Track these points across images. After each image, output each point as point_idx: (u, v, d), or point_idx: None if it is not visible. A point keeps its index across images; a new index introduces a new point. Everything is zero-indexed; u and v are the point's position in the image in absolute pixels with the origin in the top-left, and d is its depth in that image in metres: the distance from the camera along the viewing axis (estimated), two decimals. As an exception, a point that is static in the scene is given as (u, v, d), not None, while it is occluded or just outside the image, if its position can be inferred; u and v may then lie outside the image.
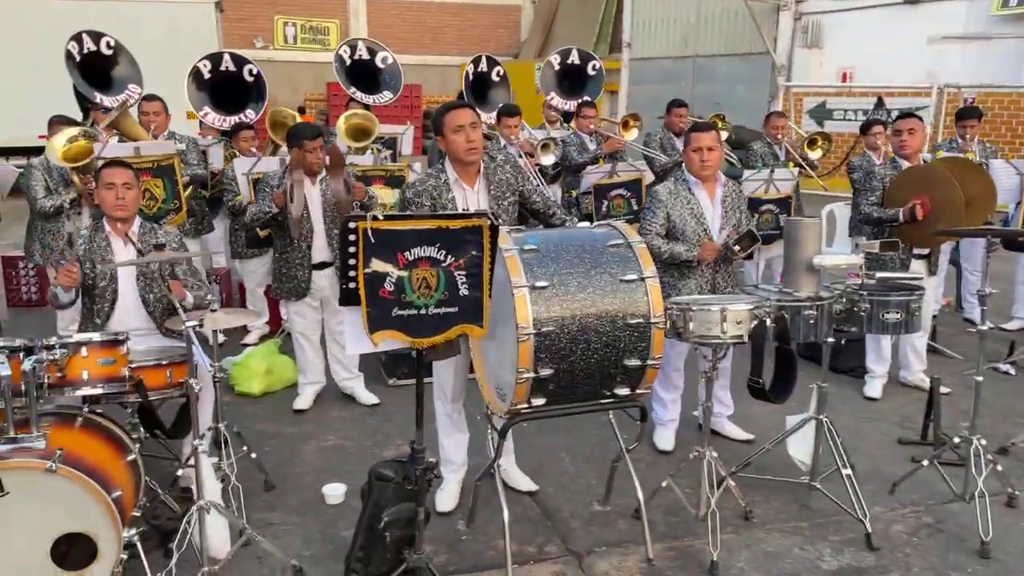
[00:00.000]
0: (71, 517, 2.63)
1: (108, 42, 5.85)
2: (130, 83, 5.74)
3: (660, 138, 6.46)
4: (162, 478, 3.48)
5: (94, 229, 3.68)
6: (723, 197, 3.93)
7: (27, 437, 2.68)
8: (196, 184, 5.45)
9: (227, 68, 6.33)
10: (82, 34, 5.82)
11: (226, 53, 6.48)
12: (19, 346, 2.80)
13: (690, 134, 3.92)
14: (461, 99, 6.71)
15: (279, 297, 4.59)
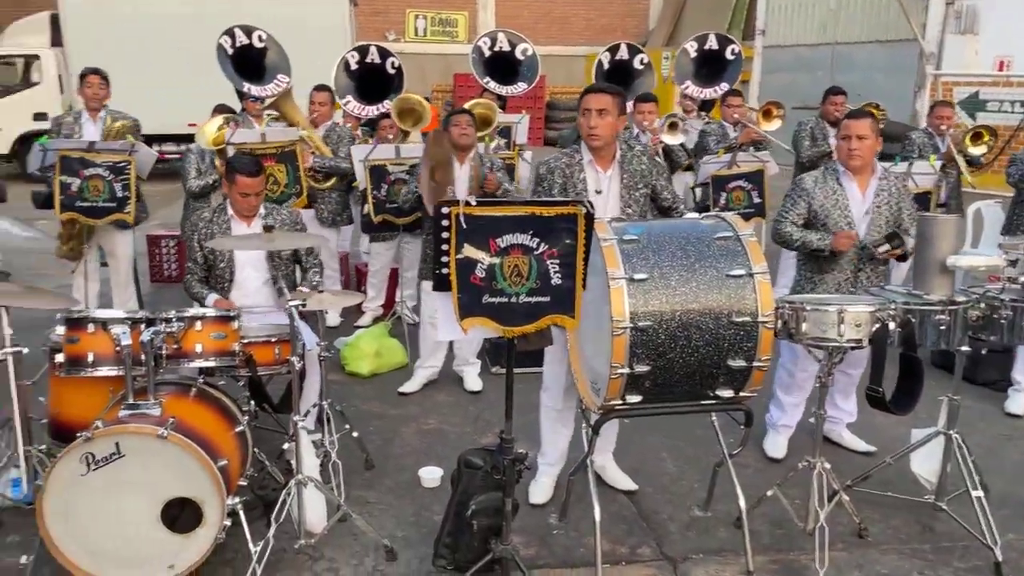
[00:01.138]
0: (180, 482, 2.77)
1: (260, 35, 6.16)
2: (279, 73, 6.02)
3: (812, 127, 6.09)
4: (270, 450, 3.62)
5: (216, 212, 3.86)
6: (878, 190, 3.65)
7: (144, 404, 2.85)
8: (337, 176, 5.63)
9: (372, 60, 6.57)
10: (234, 29, 6.15)
11: (373, 45, 6.71)
12: (140, 318, 2.98)
13: (842, 121, 3.70)
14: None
15: (424, 278, 4.68)
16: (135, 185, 4.78)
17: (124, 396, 2.92)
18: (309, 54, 7.18)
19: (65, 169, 4.53)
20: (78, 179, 4.57)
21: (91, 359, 2.93)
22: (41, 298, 3.26)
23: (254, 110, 5.76)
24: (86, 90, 5.22)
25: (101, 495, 2.72)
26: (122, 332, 2.85)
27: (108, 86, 5.27)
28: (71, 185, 4.56)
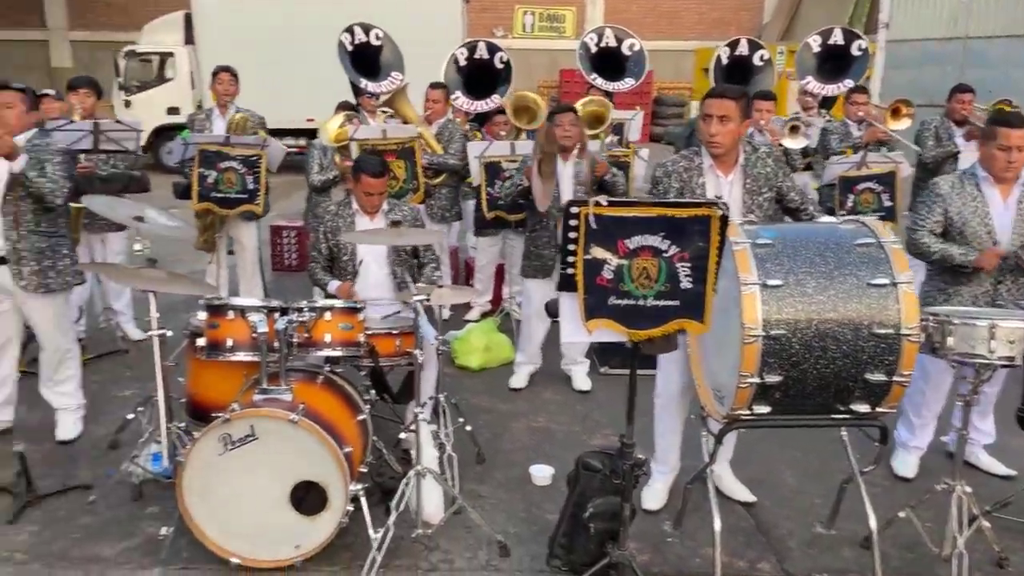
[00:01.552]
0: (308, 466, 2.88)
1: (377, 33, 6.33)
2: (393, 71, 6.17)
3: (936, 127, 5.73)
4: (386, 439, 3.72)
5: (342, 205, 3.99)
6: (1020, 199, 3.39)
7: (276, 389, 2.98)
8: (447, 172, 5.72)
9: (481, 56, 6.64)
10: (354, 27, 6.34)
11: (482, 41, 6.78)
12: (276, 307, 3.12)
13: (998, 128, 3.35)
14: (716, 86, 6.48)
15: (526, 275, 4.71)
16: (264, 178, 5.00)
17: (258, 380, 3.06)
18: (423, 51, 7.30)
19: (204, 162, 4.79)
20: (215, 171, 4.82)
21: (229, 344, 3.08)
22: (182, 284, 3.45)
23: (369, 106, 5.90)
24: (217, 87, 5.50)
25: (236, 474, 2.86)
26: (259, 320, 2.99)
27: (237, 83, 5.54)
28: (208, 177, 4.81)
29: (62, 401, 3.95)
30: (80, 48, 21.10)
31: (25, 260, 3.58)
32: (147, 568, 2.95)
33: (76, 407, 4.01)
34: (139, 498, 3.40)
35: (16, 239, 3.55)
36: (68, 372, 3.95)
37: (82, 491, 3.45)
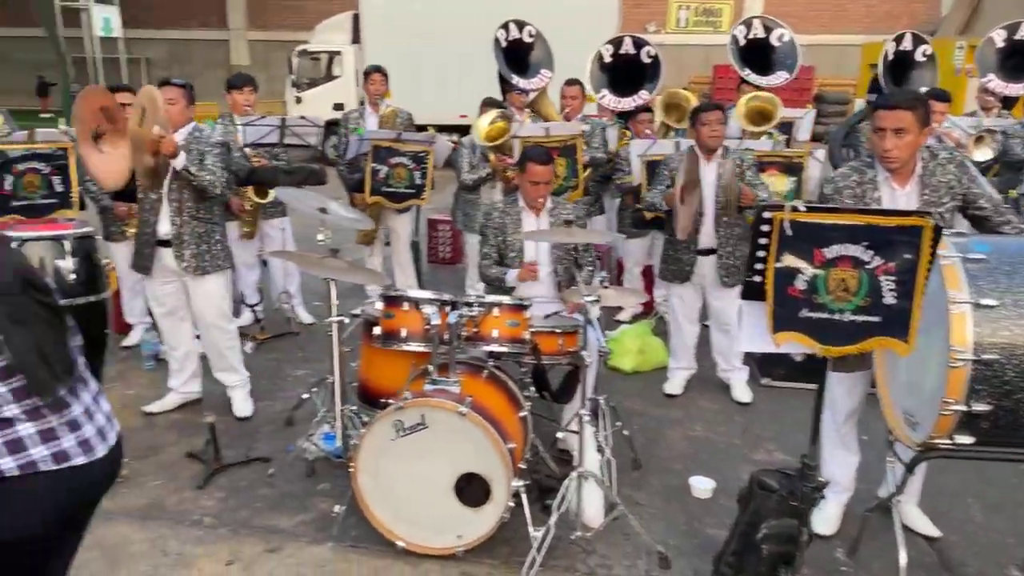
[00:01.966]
0: (474, 459, 2.93)
1: (530, 31, 6.35)
2: (543, 68, 6.18)
3: None
4: (542, 436, 3.73)
5: (508, 203, 4.03)
6: None
7: (446, 381, 3.05)
8: (594, 166, 5.69)
9: (627, 51, 6.50)
10: (509, 23, 6.41)
11: (627, 36, 6.65)
12: (448, 300, 3.19)
13: None
14: (876, 84, 6.04)
15: (664, 279, 4.62)
16: (431, 173, 5.15)
17: (426, 371, 3.14)
18: (576, 47, 7.26)
19: (376, 158, 4.99)
20: (386, 167, 5.01)
21: (403, 334, 3.19)
22: (360, 274, 3.61)
23: (518, 103, 5.93)
24: (369, 86, 5.73)
25: (405, 460, 2.96)
26: (432, 312, 3.07)
27: (387, 82, 5.75)
28: (380, 172, 5.02)
29: (230, 379, 4.20)
30: (256, 47, 22.73)
31: (186, 243, 3.84)
32: (320, 543, 3.11)
33: (243, 383, 4.23)
34: (312, 474, 3.59)
35: (179, 224, 3.81)
36: (229, 349, 4.14)
37: (262, 463, 3.69)
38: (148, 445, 3.87)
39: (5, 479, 1.70)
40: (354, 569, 2.97)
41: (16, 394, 1.67)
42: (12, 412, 1.68)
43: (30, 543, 1.78)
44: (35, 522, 1.76)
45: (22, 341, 1.65)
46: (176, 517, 3.27)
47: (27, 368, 1.66)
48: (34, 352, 1.67)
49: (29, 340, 1.66)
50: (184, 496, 3.43)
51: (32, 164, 4.04)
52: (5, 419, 1.67)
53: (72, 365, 1.81)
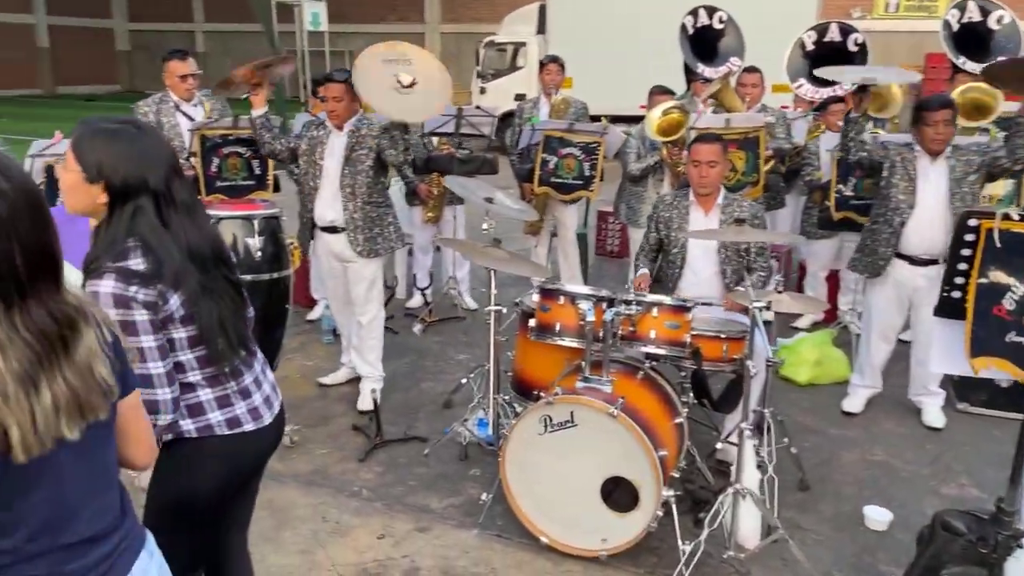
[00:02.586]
0: (622, 462, 2.83)
1: (720, 16, 6.05)
2: (732, 55, 5.86)
3: None
4: (699, 444, 3.55)
5: (678, 196, 3.85)
6: None
7: (598, 379, 2.97)
8: (776, 158, 5.34)
9: (831, 39, 6.03)
10: (699, 9, 6.13)
11: (833, 23, 6.17)
12: (604, 296, 3.10)
13: None
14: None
15: (854, 269, 4.23)
16: (601, 165, 5.06)
17: (579, 367, 3.08)
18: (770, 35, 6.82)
19: (547, 148, 4.98)
20: (556, 157, 4.99)
21: (558, 328, 3.14)
22: (520, 265, 3.61)
23: (702, 92, 5.66)
24: (545, 76, 5.67)
25: (552, 456, 2.92)
26: (588, 308, 3.00)
27: (563, 72, 5.67)
28: (549, 163, 5.00)
29: (365, 369, 4.22)
30: (448, 40, 23.67)
31: (360, 228, 3.95)
32: (467, 528, 3.15)
33: (377, 378, 4.18)
34: (465, 459, 3.65)
35: (352, 210, 3.93)
36: (372, 340, 4.17)
37: (420, 443, 3.80)
38: (320, 415, 4.12)
39: (184, 441, 1.83)
40: (496, 558, 2.98)
41: (200, 362, 1.79)
42: (195, 378, 1.80)
43: (203, 503, 1.90)
44: (208, 484, 1.88)
45: (208, 312, 1.75)
46: (338, 486, 3.45)
47: (211, 337, 1.77)
48: (217, 323, 1.78)
49: (214, 311, 1.77)
50: (347, 467, 3.61)
51: (235, 148, 4.40)
52: (188, 384, 1.79)
53: (246, 337, 1.91)
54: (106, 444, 1.32)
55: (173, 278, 1.68)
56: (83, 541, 1.27)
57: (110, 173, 1.67)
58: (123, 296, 1.64)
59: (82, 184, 1.68)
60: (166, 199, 1.71)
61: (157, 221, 1.69)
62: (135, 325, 1.65)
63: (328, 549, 3.02)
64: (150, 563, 1.41)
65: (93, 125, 1.72)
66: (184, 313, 1.72)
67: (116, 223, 1.68)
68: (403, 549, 3.03)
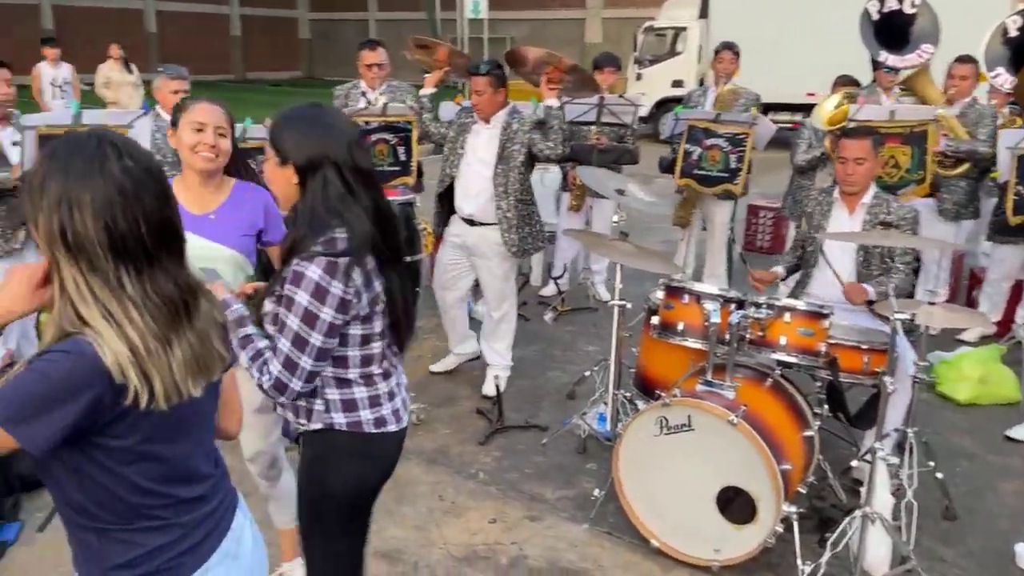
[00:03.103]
0: (740, 472, 2.71)
1: (913, 0, 5.56)
2: (924, 43, 5.37)
3: None
4: (834, 460, 3.34)
5: (824, 192, 3.62)
6: None
7: (720, 384, 2.85)
8: (972, 162, 4.84)
9: None
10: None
11: None
12: (732, 298, 2.97)
13: None
14: None
15: None
16: (748, 157, 4.83)
17: (702, 370, 2.97)
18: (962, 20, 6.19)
19: (690, 138, 4.82)
20: (699, 148, 4.82)
21: (680, 328, 3.05)
22: (649, 260, 3.51)
23: (886, 82, 5.23)
24: (717, 64, 5.43)
25: (667, 459, 2.84)
26: (713, 309, 2.88)
27: (737, 61, 5.40)
28: (692, 153, 4.84)
29: (493, 358, 4.24)
30: (610, 25, 23.42)
31: (514, 227, 3.93)
32: (577, 522, 3.14)
33: (503, 367, 4.22)
34: (582, 452, 3.64)
35: (506, 208, 3.91)
36: (503, 332, 4.20)
37: (539, 431, 3.83)
38: (446, 395, 4.24)
39: (333, 432, 1.87)
40: (604, 556, 2.95)
41: (363, 360, 1.84)
42: (354, 375, 1.84)
43: (349, 498, 1.93)
44: (352, 479, 1.91)
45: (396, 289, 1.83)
46: (457, 467, 3.55)
47: (399, 323, 1.85)
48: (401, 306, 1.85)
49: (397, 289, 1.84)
50: (467, 449, 3.70)
51: (383, 135, 4.59)
52: (346, 380, 1.84)
53: (411, 329, 1.94)
54: (214, 407, 1.45)
55: (364, 242, 1.74)
56: (196, 498, 1.39)
57: (294, 152, 1.76)
58: (322, 288, 1.70)
59: (276, 169, 1.80)
60: (349, 168, 1.76)
61: (344, 189, 1.75)
62: (317, 319, 1.71)
63: (442, 528, 3.11)
64: (244, 521, 1.52)
65: (280, 113, 1.85)
66: (367, 312, 1.78)
67: (308, 197, 1.76)
68: (513, 536, 3.07)
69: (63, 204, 1.18)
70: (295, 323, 1.71)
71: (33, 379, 1.15)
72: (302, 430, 1.91)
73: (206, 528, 1.40)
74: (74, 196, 1.18)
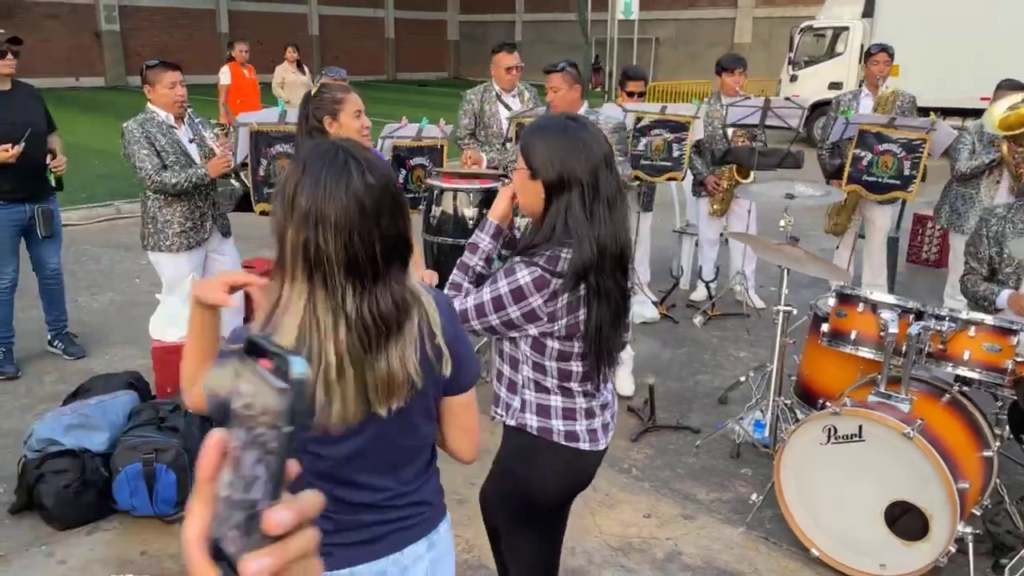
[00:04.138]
0: (913, 487, 2.63)
1: None
2: None
3: None
4: (1012, 485, 3.16)
5: (1013, 208, 3.40)
6: None
7: (895, 396, 2.77)
8: None
9: None
10: None
11: None
12: (912, 308, 2.88)
13: None
14: None
15: None
16: (924, 164, 4.61)
17: (875, 380, 2.90)
18: None
19: (861, 143, 4.65)
20: (871, 153, 4.64)
21: (853, 336, 2.98)
22: (818, 266, 3.45)
23: None
24: (872, 67, 5.19)
25: (833, 469, 2.80)
26: (891, 319, 2.80)
27: (891, 62, 5.16)
28: (863, 159, 4.67)
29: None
30: (760, 25, 22.67)
31: None
32: (733, 525, 3.15)
33: (628, 360, 4.22)
34: (736, 456, 3.63)
35: None
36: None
37: (691, 433, 3.84)
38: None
39: (524, 433, 1.90)
40: (761, 560, 2.94)
41: (560, 374, 1.84)
42: (551, 383, 1.86)
43: (538, 499, 1.96)
44: (541, 482, 1.93)
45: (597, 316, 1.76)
46: (610, 461, 3.62)
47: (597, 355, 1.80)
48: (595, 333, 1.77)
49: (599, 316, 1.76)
50: (619, 443, 3.76)
51: (420, 160, 4.63)
52: (544, 387, 1.87)
53: (613, 358, 1.86)
54: (402, 428, 1.39)
55: (581, 272, 1.72)
56: (358, 504, 1.40)
57: (545, 168, 1.75)
58: (522, 293, 1.74)
59: (527, 182, 1.78)
60: (594, 190, 1.73)
61: (584, 214, 1.72)
62: (503, 309, 1.77)
63: (597, 517, 3.20)
64: (425, 554, 1.49)
65: (536, 125, 1.85)
66: (565, 333, 1.78)
67: (551, 215, 1.76)
68: (667, 531, 3.12)
69: (311, 218, 1.21)
70: (487, 296, 1.80)
71: None
72: (500, 421, 1.98)
73: (361, 536, 1.41)
74: (320, 212, 1.21)
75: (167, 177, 3.65)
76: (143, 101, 3.77)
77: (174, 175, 3.66)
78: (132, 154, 3.63)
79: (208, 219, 3.90)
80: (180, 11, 23.37)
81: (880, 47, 5.22)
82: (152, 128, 3.67)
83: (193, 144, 3.80)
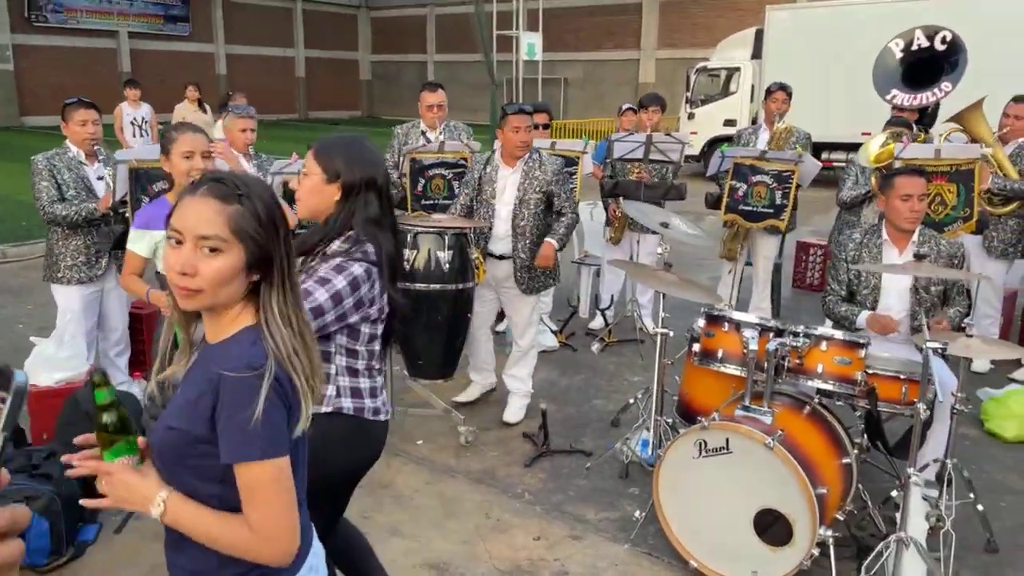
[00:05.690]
0: (776, 495, 2.80)
1: (944, 37, 5.59)
2: (945, 81, 5.40)
3: None
4: (876, 491, 3.38)
5: (868, 234, 3.69)
6: None
7: (758, 409, 2.95)
8: (1020, 200, 4.82)
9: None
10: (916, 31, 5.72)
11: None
12: (771, 326, 3.08)
13: None
14: None
15: None
16: (794, 194, 4.93)
17: (742, 396, 3.07)
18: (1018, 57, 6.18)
19: (736, 175, 4.95)
20: (745, 184, 4.94)
21: (720, 355, 3.16)
22: (692, 290, 3.63)
23: None
24: (770, 104, 5.54)
25: (705, 481, 2.94)
26: (752, 336, 2.99)
27: (789, 101, 5.51)
28: (738, 190, 4.96)
29: (513, 384, 4.37)
30: (663, 65, 23.72)
31: (527, 267, 4.09)
32: (618, 542, 3.25)
33: (524, 393, 4.37)
34: (625, 476, 3.75)
35: (520, 249, 4.07)
36: (527, 359, 4.36)
37: (584, 456, 3.95)
38: (494, 419, 4.39)
39: (342, 416, 2.10)
40: (644, 574, 3.05)
41: (369, 355, 2.13)
42: (362, 366, 2.13)
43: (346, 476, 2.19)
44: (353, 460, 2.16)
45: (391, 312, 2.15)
46: (503, 487, 3.69)
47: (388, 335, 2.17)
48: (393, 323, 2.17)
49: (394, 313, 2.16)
50: (513, 470, 3.84)
51: (439, 171, 4.85)
52: (356, 370, 2.12)
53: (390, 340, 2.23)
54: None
55: (389, 259, 2.05)
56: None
57: (345, 172, 2.04)
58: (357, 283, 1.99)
59: (321, 185, 2.05)
60: (386, 195, 2.08)
61: (380, 212, 2.05)
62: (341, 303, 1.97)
63: (487, 543, 3.25)
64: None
65: (330, 138, 2.13)
66: (375, 316, 2.08)
67: (346, 212, 2.04)
68: (556, 553, 3.19)
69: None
70: (322, 297, 1.95)
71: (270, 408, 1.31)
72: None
73: None
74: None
75: (58, 209, 3.78)
76: (38, 142, 3.79)
77: (64, 208, 3.79)
78: (32, 185, 3.79)
79: (104, 256, 3.99)
80: (79, 50, 22.71)
81: (779, 85, 5.55)
82: (59, 162, 3.84)
83: (102, 181, 3.92)
